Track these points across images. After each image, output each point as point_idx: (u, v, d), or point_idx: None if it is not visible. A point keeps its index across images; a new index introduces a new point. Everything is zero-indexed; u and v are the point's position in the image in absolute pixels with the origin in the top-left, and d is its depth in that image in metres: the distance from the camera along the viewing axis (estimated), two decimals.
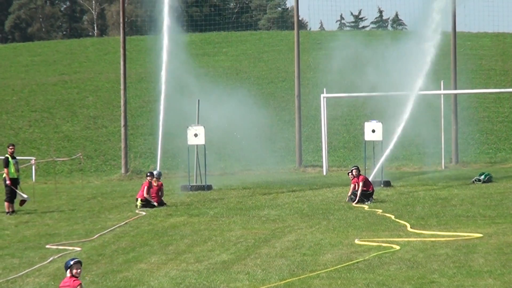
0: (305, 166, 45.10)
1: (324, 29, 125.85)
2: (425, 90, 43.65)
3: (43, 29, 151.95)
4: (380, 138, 36.52)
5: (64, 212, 29.76)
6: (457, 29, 44.68)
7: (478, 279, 16.39)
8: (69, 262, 13.77)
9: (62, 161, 46.37)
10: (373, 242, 21.03)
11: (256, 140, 49.84)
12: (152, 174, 31.03)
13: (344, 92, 49.01)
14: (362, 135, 38.50)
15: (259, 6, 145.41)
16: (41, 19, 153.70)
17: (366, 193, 29.88)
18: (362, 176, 30.58)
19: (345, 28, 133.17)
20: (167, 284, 16.95)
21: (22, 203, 29.74)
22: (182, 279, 17.37)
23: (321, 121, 43.64)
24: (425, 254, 19.20)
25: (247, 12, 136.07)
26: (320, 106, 43.87)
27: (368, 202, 29.30)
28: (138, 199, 30.27)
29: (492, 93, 46.80)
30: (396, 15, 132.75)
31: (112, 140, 53.08)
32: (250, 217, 26.85)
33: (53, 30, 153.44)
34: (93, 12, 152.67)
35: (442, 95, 44.13)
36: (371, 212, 27.02)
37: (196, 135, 36.12)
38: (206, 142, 36.97)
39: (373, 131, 36.50)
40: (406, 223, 24.14)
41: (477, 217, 25.16)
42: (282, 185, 37.12)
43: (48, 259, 20.13)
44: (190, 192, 35.05)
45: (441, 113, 44.09)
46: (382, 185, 34.15)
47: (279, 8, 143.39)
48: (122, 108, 45.41)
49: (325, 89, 44.90)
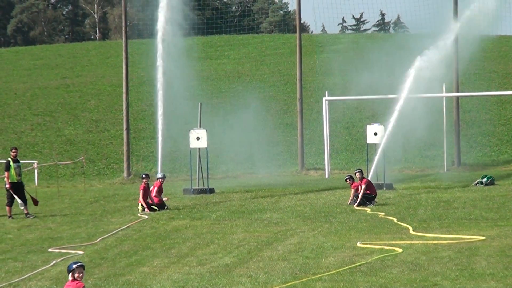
0: (308, 169, 45.14)
1: (326, 32, 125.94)
2: (428, 93, 43.80)
3: (45, 33, 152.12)
4: (383, 141, 36.63)
5: (67, 216, 29.80)
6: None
7: (481, 282, 16.40)
8: (72, 266, 13.81)
9: (65, 165, 46.42)
10: (376, 245, 21.04)
11: (258, 143, 49.93)
12: (148, 176, 30.98)
13: (347, 95, 49.09)
14: (364, 138, 38.51)
15: (261, 10, 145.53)
16: (43, 23, 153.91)
17: (369, 196, 29.92)
18: (365, 179, 30.59)
19: (347, 31, 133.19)
20: (170, 287, 16.95)
21: (36, 203, 29.85)
22: (185, 282, 17.38)
23: (323, 124, 43.70)
24: (428, 257, 19.21)
25: (249, 16, 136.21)
26: (322, 109, 43.90)
27: (371, 205, 29.31)
28: (140, 204, 30.37)
29: (494, 96, 46.78)
30: (398, 18, 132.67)
31: (114, 144, 53.15)
32: (253, 220, 26.88)
33: (55, 34, 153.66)
34: (95, 16, 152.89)
35: (445, 98, 44.16)
36: (373, 215, 27.04)
37: (198, 139, 36.15)
38: (208, 145, 37.02)
39: (375, 134, 36.57)
40: (409, 226, 24.16)
41: (480, 220, 25.18)
42: (285, 188, 37.15)
43: (51, 263, 20.15)
44: (193, 196, 35.10)
45: (444, 116, 44.13)
46: (385, 188, 34.18)
47: (281, 11, 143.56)
48: (124, 112, 45.50)
49: (327, 92, 44.95)
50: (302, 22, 76.15)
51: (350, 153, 47.27)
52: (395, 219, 25.68)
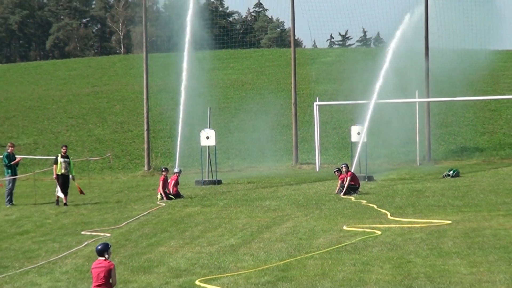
0: (301, 164, 45.10)
1: (317, 47, 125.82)
2: (405, 99, 43.90)
3: (78, 48, 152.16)
4: (365, 140, 36.69)
5: (96, 204, 29.87)
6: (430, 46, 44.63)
7: (448, 259, 16.43)
8: (103, 246, 13.82)
9: (94, 160, 46.45)
10: (359, 228, 21.08)
11: (259, 141, 49.96)
12: (167, 169, 31.16)
13: (334, 101, 49.14)
14: (349, 137, 38.56)
15: (261, 28, 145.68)
16: (76, 39, 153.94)
17: (354, 187, 29.97)
18: (350, 172, 30.67)
19: (335, 46, 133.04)
20: (184, 264, 16.97)
21: (82, 192, 29.91)
22: (197, 260, 17.41)
23: (314, 125, 43.71)
24: (403, 238, 19.24)
25: (251, 33, 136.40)
26: (313, 113, 43.91)
27: (355, 194, 29.35)
28: (159, 193, 30.42)
29: (459, 101, 46.74)
30: (378, 35, 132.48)
31: (137, 142, 53.10)
32: (254, 207, 26.90)
33: (86, 49, 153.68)
34: (120, 33, 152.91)
35: (417, 103, 44.17)
36: (357, 203, 27.07)
37: (208, 138, 36.23)
38: (216, 143, 37.10)
39: (358, 134, 36.66)
40: (387, 212, 24.21)
41: (447, 207, 25.20)
42: (281, 180, 37.16)
43: (83, 244, 20.24)
44: (203, 186, 35.15)
45: (416, 118, 44.13)
46: (366, 180, 34.21)
47: (278, 29, 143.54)
48: (145, 115, 45.48)
49: (318, 98, 44.96)
50: (296, 38, 76.09)
51: (337, 150, 47.25)
52: (375, 206, 25.72)
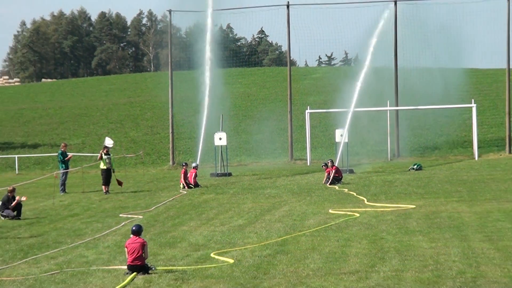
0: (295, 159, 45.10)
1: (308, 65, 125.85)
2: (378, 107, 43.91)
3: (117, 67, 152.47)
4: (346, 140, 36.71)
5: (131, 192, 29.96)
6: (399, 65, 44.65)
7: (412, 236, 16.45)
8: (137, 227, 13.88)
9: (130, 157, 46.51)
10: (342, 211, 21.09)
11: (262, 142, 49.99)
12: (186, 164, 31.34)
13: (322, 109, 49.08)
14: (334, 138, 38.59)
15: (263, 50, 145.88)
16: (115, 60, 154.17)
17: (337, 178, 29.98)
18: (335, 166, 30.69)
19: (322, 65, 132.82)
20: (201, 240, 16.99)
21: (120, 184, 29.95)
22: (211, 237, 17.43)
23: (306, 129, 43.69)
24: (377, 219, 19.26)
25: (255, 54, 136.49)
26: (305, 119, 43.92)
27: (338, 184, 29.36)
28: (181, 183, 30.48)
29: (422, 109, 46.72)
30: (357, 56, 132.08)
31: (163, 142, 53.13)
32: (258, 194, 26.95)
33: (123, 67, 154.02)
34: (150, 55, 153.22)
35: (388, 111, 44.17)
36: (340, 191, 27.10)
37: (220, 139, 36.29)
38: (227, 143, 37.16)
39: (341, 135, 36.71)
40: (364, 198, 24.27)
41: (412, 194, 25.24)
42: (279, 172, 37.20)
43: (121, 224, 20.31)
44: (217, 178, 35.20)
45: (388, 123, 44.14)
46: (348, 172, 34.21)
47: (277, 52, 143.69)
48: (170, 120, 45.54)
49: (309, 107, 44.94)
50: (291, 59, 76.15)
51: (324, 148, 47.23)
52: (355, 194, 25.76)
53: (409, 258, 13.99)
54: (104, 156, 29.60)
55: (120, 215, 22.23)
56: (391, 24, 43.41)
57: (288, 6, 44.51)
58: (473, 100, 42.29)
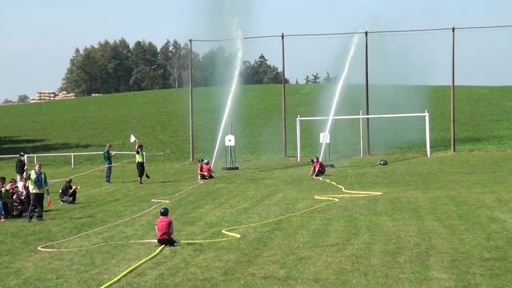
0: (288, 157, 44.92)
1: (298, 83, 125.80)
2: (353, 116, 43.86)
3: (149, 84, 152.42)
4: (328, 141, 36.71)
5: (160, 182, 29.91)
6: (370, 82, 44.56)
7: (379, 216, 16.46)
8: (165, 210, 13.93)
9: (159, 154, 46.51)
10: (324, 197, 21.08)
11: (262, 143, 49.96)
12: (202, 160, 31.51)
13: (310, 117, 49.01)
14: (319, 139, 38.59)
15: (263, 71, 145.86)
16: (148, 78, 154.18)
17: (321, 171, 29.95)
18: (319, 162, 30.63)
19: (309, 83, 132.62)
20: (214, 220, 17.01)
21: (148, 176, 29.89)
22: (223, 217, 17.45)
23: (297, 132, 43.62)
24: (352, 204, 19.25)
25: (257, 74, 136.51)
26: (296, 124, 43.90)
27: (322, 176, 29.30)
28: (198, 175, 30.48)
29: (387, 117, 46.56)
30: (336, 76, 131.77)
31: (185, 143, 52.95)
32: (259, 184, 26.91)
33: (154, 84, 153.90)
34: (175, 75, 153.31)
35: (361, 118, 44.13)
36: (323, 181, 27.03)
37: (230, 140, 36.26)
38: (235, 144, 37.11)
39: (324, 137, 36.71)
40: (342, 187, 24.22)
41: (379, 184, 25.19)
42: (276, 167, 37.12)
43: (152, 207, 20.32)
44: (227, 171, 35.13)
45: (360, 128, 44.06)
46: (329, 166, 34.16)
47: (274, 72, 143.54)
48: (190, 126, 45.41)
49: (299, 115, 44.88)
50: (285, 78, 76.39)
51: (311, 148, 47.02)
52: (335, 183, 25.70)
53: (377, 234, 14.01)
54: (140, 153, 29.57)
55: (152, 200, 22.23)
56: (363, 50, 43.40)
57: (283, 37, 44.60)
58: (426, 110, 42.23)
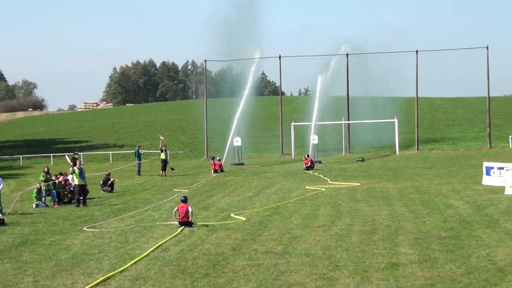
0: (284, 154, 44.84)
1: (292, 95, 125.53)
2: (338, 121, 43.71)
3: (172, 96, 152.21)
4: (316, 142, 36.63)
5: (181, 175, 29.86)
6: (350, 94, 44.41)
7: (358, 203, 16.40)
8: (184, 197, 13.91)
9: (180, 153, 46.47)
10: (314, 187, 21.02)
11: (263, 143, 49.82)
12: (214, 157, 31.28)
13: (302, 122, 48.94)
14: (309, 140, 38.50)
15: (264, 85, 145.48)
16: (171, 91, 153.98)
17: (311, 166, 29.88)
18: (310, 159, 30.58)
19: (301, 95, 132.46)
20: (225, 206, 16.97)
21: (172, 169, 29.78)
22: (231, 203, 17.43)
23: (291, 135, 43.52)
24: (336, 193, 19.19)
25: (259, 88, 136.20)
26: (291, 129, 43.82)
27: (312, 170, 29.22)
28: (211, 170, 30.40)
29: (365, 122, 46.36)
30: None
31: (201, 144, 52.82)
32: (260, 176, 26.83)
33: (176, 96, 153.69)
34: (193, 88, 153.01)
35: (343, 123, 44.04)
36: (313, 174, 26.94)
37: (237, 141, 36.19)
38: (242, 144, 37.03)
39: (314, 139, 36.62)
40: (328, 179, 24.13)
41: (358, 176, 25.12)
42: (274, 162, 37.05)
43: (174, 195, 20.27)
44: (235, 166, 35.04)
45: (343, 131, 43.97)
46: (318, 162, 34.10)
47: (273, 86, 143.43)
48: (205, 130, 45.31)
49: (293, 121, 44.81)
50: (282, 91, 76.02)
51: (302, 147, 46.86)
52: (322, 176, 25.62)
53: (356, 217, 13.99)
54: (164, 151, 29.57)
55: (174, 190, 22.20)
56: (344, 68, 43.35)
57: (280, 58, 44.64)
58: (395, 117, 42.17)
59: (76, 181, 18.51)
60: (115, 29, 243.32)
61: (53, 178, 19.88)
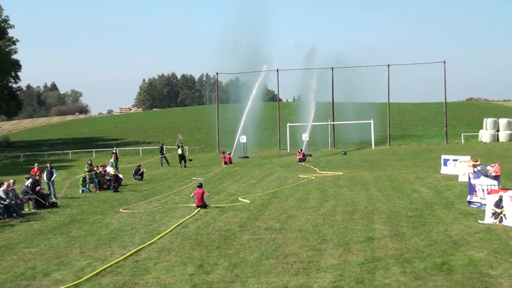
0: (281, 149, 44.71)
1: (288, 101, 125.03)
2: (325, 122, 43.52)
3: (190, 102, 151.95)
4: (307, 139, 36.49)
5: (197, 166, 29.76)
6: (335, 100, 44.24)
7: (341, 188, 16.35)
8: (200, 184, 13.90)
9: (196, 148, 46.37)
10: (305, 176, 20.94)
11: (265, 141, 49.67)
12: (224, 152, 31.16)
13: (296, 123, 48.75)
14: (302, 138, 38.35)
15: (266, 94, 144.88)
16: (189, 98, 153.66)
17: (303, 159, 29.75)
18: (302, 152, 30.47)
19: (295, 101, 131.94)
20: (233, 191, 16.93)
21: (190, 160, 29.50)
22: (238, 189, 17.36)
23: (287, 133, 43.40)
24: (324, 180, 19.09)
25: (265, 96, 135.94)
26: (287, 128, 43.66)
27: (304, 162, 29.10)
28: (222, 162, 30.31)
29: (348, 123, 46.15)
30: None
31: (214, 140, 52.62)
32: (262, 167, 26.72)
33: (193, 102, 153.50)
34: (207, 96, 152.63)
35: (329, 124, 43.88)
36: (305, 165, 26.79)
37: (243, 138, 36.09)
38: (247, 141, 36.93)
39: (305, 137, 36.50)
40: (316, 169, 24.02)
41: (341, 167, 24.99)
42: (273, 156, 36.96)
43: (192, 182, 20.22)
44: (241, 159, 34.90)
45: (329, 130, 43.84)
46: (309, 156, 33.93)
47: (272, 94, 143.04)
48: (217, 130, 45.15)
49: (288, 122, 44.64)
50: (280, 98, 75.41)
51: (296, 144, 46.72)
52: (312, 166, 25.51)
53: (340, 200, 13.97)
54: (180, 148, 29.42)
55: (192, 178, 22.14)
56: (330, 79, 43.27)
57: (278, 71, 44.65)
58: (371, 118, 42.05)
59: (113, 172, 18.56)
60: (145, 48, 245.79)
61: (95, 169, 19.96)
